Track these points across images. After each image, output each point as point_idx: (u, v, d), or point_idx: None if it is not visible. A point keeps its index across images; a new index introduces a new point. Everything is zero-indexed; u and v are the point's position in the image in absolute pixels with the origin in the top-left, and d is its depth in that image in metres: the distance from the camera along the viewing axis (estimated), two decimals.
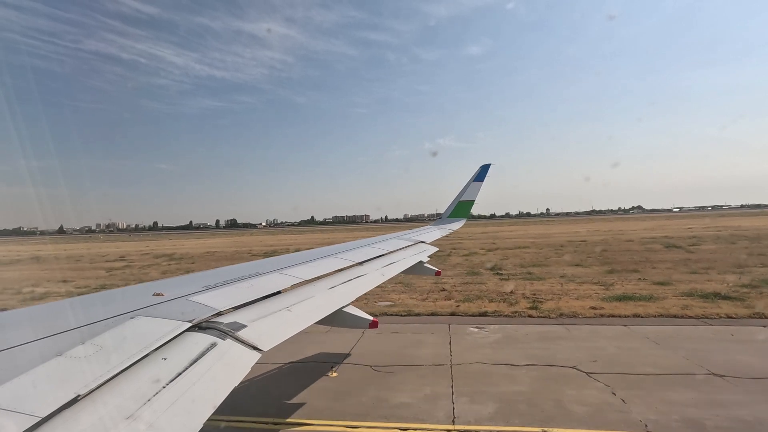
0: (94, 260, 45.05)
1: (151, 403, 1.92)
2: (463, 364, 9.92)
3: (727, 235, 43.67)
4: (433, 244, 9.81)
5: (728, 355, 9.89)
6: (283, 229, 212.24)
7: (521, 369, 9.58)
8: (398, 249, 8.00)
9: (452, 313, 14.90)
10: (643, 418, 7.20)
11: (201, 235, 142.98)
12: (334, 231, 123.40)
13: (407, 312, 15.21)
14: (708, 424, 6.95)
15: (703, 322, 12.88)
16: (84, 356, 2.10)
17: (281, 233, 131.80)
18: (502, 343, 11.52)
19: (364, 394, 8.53)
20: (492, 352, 10.69)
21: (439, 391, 8.55)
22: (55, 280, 28.07)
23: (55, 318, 2.63)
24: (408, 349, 11.27)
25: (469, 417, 7.50)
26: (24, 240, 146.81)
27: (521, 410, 7.67)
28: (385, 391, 8.62)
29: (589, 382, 8.76)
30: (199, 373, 2.27)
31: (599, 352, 10.45)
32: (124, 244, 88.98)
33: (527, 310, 14.85)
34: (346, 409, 7.92)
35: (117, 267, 36.74)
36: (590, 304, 15.44)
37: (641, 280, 19.95)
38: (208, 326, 2.81)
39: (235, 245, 66.15)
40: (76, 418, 1.69)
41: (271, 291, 3.89)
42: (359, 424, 7.45)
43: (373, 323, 4.47)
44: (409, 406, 7.97)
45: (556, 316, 14.01)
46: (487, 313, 14.67)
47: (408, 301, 17.07)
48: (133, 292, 3.59)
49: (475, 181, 13.03)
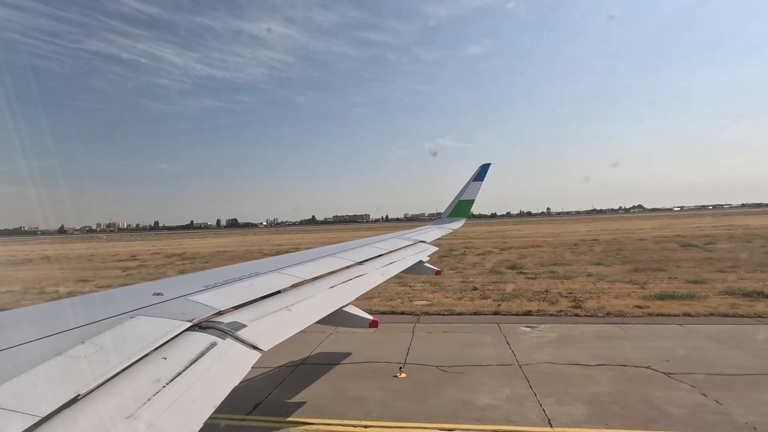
0: (105, 260, 44.92)
1: (151, 403, 1.92)
2: (531, 364, 9.77)
3: (740, 234, 43.44)
4: (433, 243, 9.82)
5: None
6: (285, 229, 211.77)
7: (594, 369, 9.42)
8: (398, 248, 8.00)
9: (495, 312, 14.81)
10: (748, 420, 6.92)
11: (204, 235, 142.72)
12: (338, 230, 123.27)
13: (449, 311, 15.13)
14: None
15: (758, 321, 12.77)
16: (84, 356, 2.10)
17: (285, 233, 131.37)
18: (561, 342, 11.39)
19: (443, 395, 8.38)
20: (556, 352, 10.55)
21: (520, 392, 8.37)
22: (73, 280, 27.92)
23: (55, 318, 2.63)
24: (467, 348, 11.13)
25: (564, 419, 7.27)
26: (26, 240, 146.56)
27: (615, 412, 7.45)
28: (464, 392, 8.46)
29: (672, 382, 8.57)
30: (199, 372, 2.27)
31: (667, 352, 10.27)
32: (129, 243, 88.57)
33: (571, 309, 14.75)
34: (433, 411, 7.75)
35: (131, 266, 36.64)
36: (632, 302, 15.30)
37: (672, 279, 19.78)
38: (208, 326, 2.81)
39: (243, 245, 65.86)
40: (76, 417, 1.69)
41: (271, 291, 3.89)
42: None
43: (373, 323, 4.47)
44: (497, 408, 7.78)
45: (603, 315, 13.89)
46: (531, 312, 14.57)
47: (444, 300, 16.96)
48: (133, 292, 3.59)
49: (475, 181, 13.04)
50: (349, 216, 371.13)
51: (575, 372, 9.33)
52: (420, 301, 17.05)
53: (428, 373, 9.52)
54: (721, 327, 12.24)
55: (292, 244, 60.18)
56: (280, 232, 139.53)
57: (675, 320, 13.14)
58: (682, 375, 8.88)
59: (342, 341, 12.01)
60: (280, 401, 8.40)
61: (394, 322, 14.05)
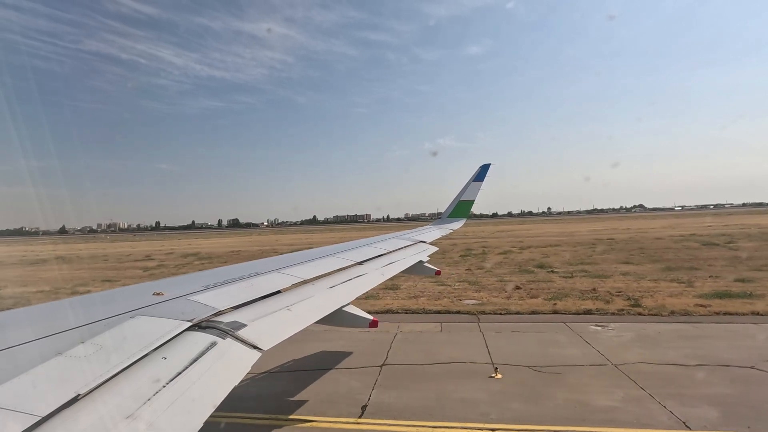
0: (121, 260, 44.57)
1: (151, 403, 1.92)
2: (626, 364, 9.55)
3: (757, 233, 43.12)
4: (433, 243, 9.82)
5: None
6: (288, 229, 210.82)
7: (697, 370, 9.16)
8: (398, 249, 8.00)
9: (554, 312, 14.59)
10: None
11: (208, 235, 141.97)
12: (344, 230, 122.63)
13: (504, 310, 14.97)
14: None
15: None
16: (84, 356, 2.10)
17: (291, 233, 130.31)
18: (644, 342, 11.18)
19: (554, 397, 8.10)
20: (645, 352, 10.34)
21: (633, 393, 8.11)
22: (99, 280, 27.74)
23: (55, 318, 2.63)
24: (548, 348, 10.92)
25: (699, 421, 6.99)
26: (29, 240, 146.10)
27: (749, 414, 7.14)
28: (574, 393, 8.22)
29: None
30: (199, 372, 2.27)
31: (764, 351, 10.03)
32: (136, 243, 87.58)
33: (630, 308, 14.54)
34: (551, 412, 7.51)
35: (150, 266, 36.45)
36: (690, 301, 15.12)
37: (714, 278, 19.52)
38: (208, 325, 2.81)
39: (254, 244, 65.25)
40: (76, 417, 1.69)
41: (270, 290, 3.89)
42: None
43: (373, 323, 4.47)
44: (619, 410, 7.51)
45: (668, 314, 13.71)
46: (591, 311, 14.38)
47: (494, 300, 16.82)
48: (133, 292, 3.59)
49: (475, 181, 13.04)
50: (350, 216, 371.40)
51: (678, 372, 9.08)
52: (469, 300, 16.89)
53: (523, 374, 9.31)
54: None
55: (303, 243, 59.82)
56: (284, 232, 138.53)
57: (745, 319, 12.91)
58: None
59: (413, 341, 11.89)
60: (386, 403, 8.12)
61: (455, 321, 13.96)
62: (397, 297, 17.81)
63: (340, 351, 11.21)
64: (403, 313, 15.23)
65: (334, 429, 7.32)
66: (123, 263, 40.80)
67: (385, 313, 15.22)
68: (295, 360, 10.63)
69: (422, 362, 10.21)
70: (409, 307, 15.91)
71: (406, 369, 9.88)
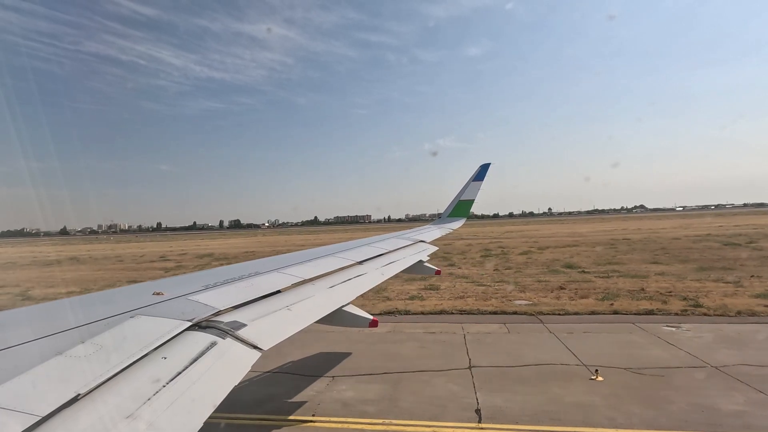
0: (137, 261, 44.05)
1: (151, 403, 1.92)
2: (728, 366, 9.31)
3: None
4: (433, 243, 9.81)
5: None
6: (290, 230, 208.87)
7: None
8: (398, 248, 8.00)
9: (614, 312, 14.40)
10: None
11: (213, 236, 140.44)
12: (347, 231, 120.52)
13: (563, 311, 14.81)
14: None
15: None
16: (84, 355, 2.10)
17: (295, 233, 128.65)
18: (729, 342, 10.97)
19: (672, 400, 7.84)
20: (737, 353, 10.10)
21: (754, 397, 7.84)
22: (123, 280, 27.59)
23: (55, 317, 2.63)
24: (631, 349, 10.69)
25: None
26: (32, 241, 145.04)
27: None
28: (692, 397, 7.94)
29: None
30: (199, 372, 2.27)
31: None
32: (144, 244, 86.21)
33: (692, 308, 14.35)
34: (676, 418, 7.21)
35: (170, 267, 36.18)
36: (749, 301, 14.92)
37: (757, 278, 19.28)
38: (208, 325, 2.81)
39: (263, 245, 64.45)
40: (76, 417, 1.69)
41: (270, 290, 3.89)
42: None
43: (373, 322, 4.47)
44: (751, 415, 7.23)
45: (734, 314, 13.53)
46: (652, 311, 14.22)
47: (544, 300, 16.59)
48: (132, 292, 3.59)
49: (475, 181, 13.04)
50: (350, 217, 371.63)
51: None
52: (520, 300, 16.73)
53: (624, 376, 9.07)
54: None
55: (314, 243, 59.11)
56: (289, 233, 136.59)
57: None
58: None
59: (487, 342, 11.70)
60: (498, 406, 7.90)
61: (516, 322, 13.71)
62: (443, 297, 17.67)
63: (417, 351, 11.06)
64: (457, 313, 15.05)
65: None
66: (140, 264, 40.38)
67: (439, 313, 15.10)
68: (385, 362, 10.39)
69: (509, 364, 9.95)
70: (462, 307, 15.75)
71: (497, 371, 9.59)
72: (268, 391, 8.95)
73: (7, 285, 27.85)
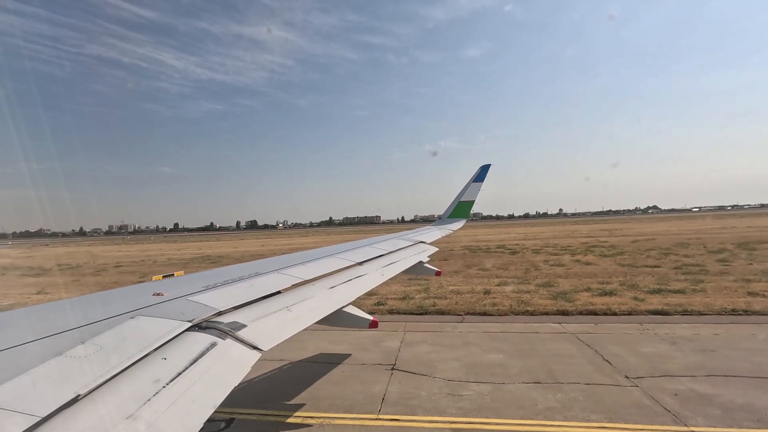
0: (173, 262, 42.01)
1: (151, 403, 1.92)
2: None
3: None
4: (433, 244, 9.81)
5: None
6: (307, 231, 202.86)
7: None
8: (398, 249, 8.00)
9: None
10: None
11: (233, 237, 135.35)
12: (362, 231, 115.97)
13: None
14: None
15: None
16: (84, 356, 2.10)
17: (315, 234, 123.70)
18: None
19: None
20: None
21: None
22: None
23: (55, 318, 2.63)
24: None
25: None
26: (52, 242, 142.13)
27: None
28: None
29: None
30: (199, 372, 2.27)
31: None
32: (166, 246, 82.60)
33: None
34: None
35: (212, 268, 34.68)
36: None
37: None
38: (208, 326, 2.81)
39: (293, 246, 60.90)
40: (75, 417, 1.69)
41: (270, 291, 3.88)
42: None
43: (372, 323, 4.47)
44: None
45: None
46: None
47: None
48: (132, 292, 3.59)
49: (475, 182, 13.01)
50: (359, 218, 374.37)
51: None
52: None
53: None
54: None
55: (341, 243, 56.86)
56: (309, 234, 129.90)
57: None
58: None
59: (618, 342, 11.38)
60: None
61: (613, 322, 13.25)
62: (543, 296, 17.05)
63: None
64: (559, 314, 14.52)
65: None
66: (173, 265, 38.27)
67: (558, 314, 14.64)
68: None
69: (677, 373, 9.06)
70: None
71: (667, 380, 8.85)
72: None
73: None
